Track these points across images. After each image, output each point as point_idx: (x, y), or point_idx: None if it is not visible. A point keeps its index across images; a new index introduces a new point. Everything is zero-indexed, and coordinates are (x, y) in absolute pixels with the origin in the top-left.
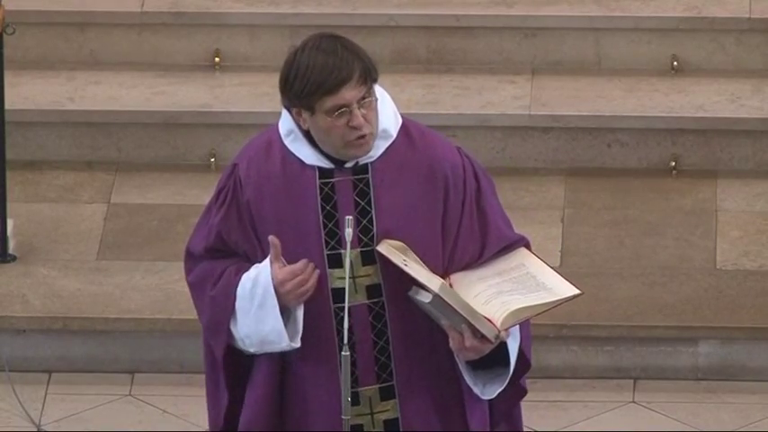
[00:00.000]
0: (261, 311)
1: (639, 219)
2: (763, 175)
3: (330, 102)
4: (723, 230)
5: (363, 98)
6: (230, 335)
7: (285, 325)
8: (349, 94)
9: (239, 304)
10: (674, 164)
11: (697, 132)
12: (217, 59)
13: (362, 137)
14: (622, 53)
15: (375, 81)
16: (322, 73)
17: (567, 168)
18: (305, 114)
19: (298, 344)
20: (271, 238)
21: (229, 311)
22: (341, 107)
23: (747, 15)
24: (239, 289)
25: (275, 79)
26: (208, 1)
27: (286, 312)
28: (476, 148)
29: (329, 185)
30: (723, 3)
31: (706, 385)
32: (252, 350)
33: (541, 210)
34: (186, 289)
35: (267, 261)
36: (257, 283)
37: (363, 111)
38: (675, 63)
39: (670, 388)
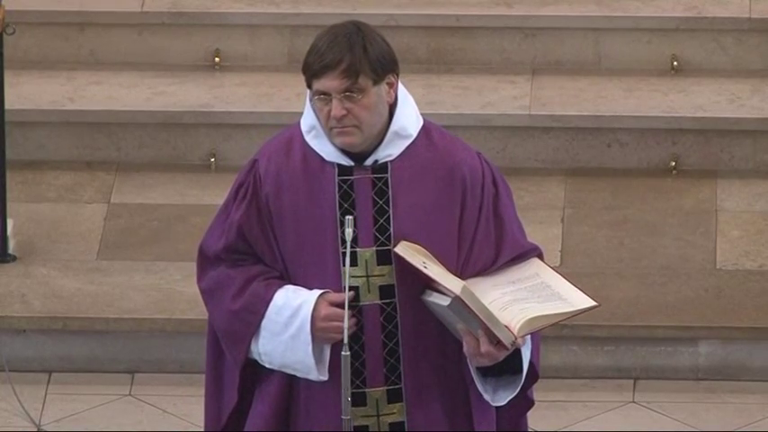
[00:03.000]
0: (293, 342)
1: (639, 219)
2: (763, 175)
3: (315, 85)
4: (723, 230)
5: (349, 91)
6: (248, 347)
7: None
8: (329, 83)
9: (267, 324)
10: (674, 164)
11: (697, 132)
12: (217, 59)
13: (343, 127)
14: (622, 53)
15: (375, 81)
16: (315, 55)
17: (567, 168)
18: (310, 92)
19: (325, 376)
20: (350, 294)
21: (254, 328)
22: (322, 93)
23: (747, 15)
24: (272, 310)
25: (275, 79)
26: (208, 1)
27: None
28: (476, 148)
29: (348, 183)
30: (723, 3)
31: (706, 385)
32: (268, 366)
33: (541, 210)
34: (186, 289)
35: (312, 294)
36: (297, 314)
37: (349, 104)
38: (675, 63)
39: (670, 388)
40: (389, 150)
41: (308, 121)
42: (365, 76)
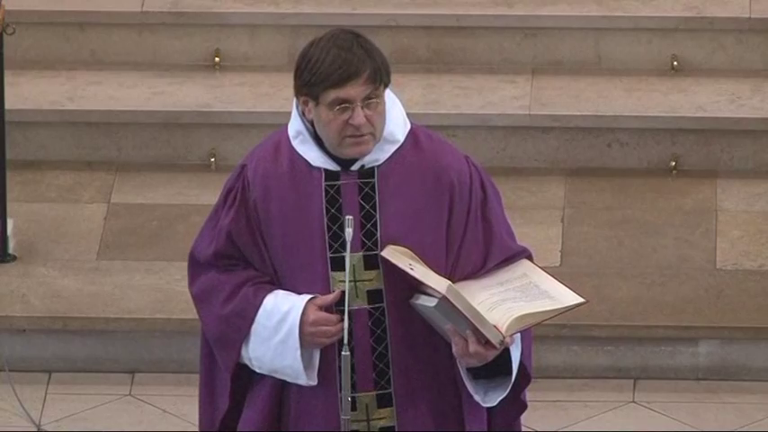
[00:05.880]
0: (281, 347)
1: (639, 219)
2: (763, 175)
3: (334, 94)
4: (723, 230)
5: (369, 98)
6: (239, 352)
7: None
8: (354, 90)
9: (256, 329)
10: (674, 164)
11: (697, 132)
12: (217, 59)
13: (360, 136)
14: (622, 53)
15: (386, 84)
16: (332, 65)
17: (567, 168)
18: (310, 104)
19: (314, 381)
20: (337, 293)
21: (244, 332)
22: (343, 102)
23: (747, 15)
24: (261, 314)
25: (275, 79)
26: (208, 1)
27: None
28: (476, 147)
29: (335, 188)
30: (723, 3)
31: (706, 385)
32: (258, 371)
33: (541, 210)
34: (186, 289)
35: (301, 299)
36: (285, 319)
37: (368, 111)
38: (675, 63)
39: (670, 388)
40: (376, 155)
41: (294, 126)
42: (382, 81)
